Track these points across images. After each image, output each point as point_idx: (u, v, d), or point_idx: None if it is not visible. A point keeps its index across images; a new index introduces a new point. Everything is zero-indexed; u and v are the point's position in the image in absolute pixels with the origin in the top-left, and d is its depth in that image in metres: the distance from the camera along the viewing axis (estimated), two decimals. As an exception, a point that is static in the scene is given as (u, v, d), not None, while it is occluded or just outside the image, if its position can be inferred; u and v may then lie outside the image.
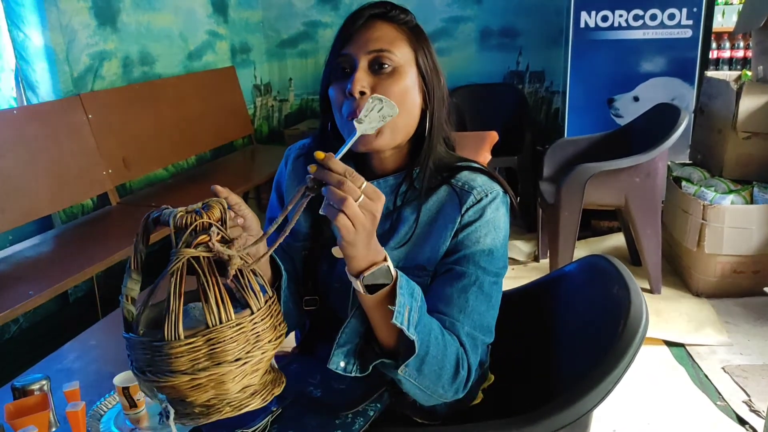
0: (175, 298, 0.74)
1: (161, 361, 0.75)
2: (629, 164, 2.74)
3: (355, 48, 0.98)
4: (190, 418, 0.79)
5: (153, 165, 3.49)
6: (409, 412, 1.11)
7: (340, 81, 1.00)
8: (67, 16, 3.04)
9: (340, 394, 1.05)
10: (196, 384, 0.75)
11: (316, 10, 4.68)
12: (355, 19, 1.01)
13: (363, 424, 1.00)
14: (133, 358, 0.79)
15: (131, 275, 0.81)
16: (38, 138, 2.75)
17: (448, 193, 1.05)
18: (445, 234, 1.04)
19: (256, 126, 4.71)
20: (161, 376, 0.75)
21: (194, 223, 0.80)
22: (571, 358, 1.18)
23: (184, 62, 3.95)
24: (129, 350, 0.79)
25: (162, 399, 0.79)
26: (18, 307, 2.08)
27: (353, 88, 0.96)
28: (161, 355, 0.74)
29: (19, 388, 1.37)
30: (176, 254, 0.76)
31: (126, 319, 0.81)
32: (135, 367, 0.78)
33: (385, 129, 0.98)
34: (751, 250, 2.81)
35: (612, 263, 1.20)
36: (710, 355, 2.47)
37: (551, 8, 4.22)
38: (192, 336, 0.74)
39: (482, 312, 1.03)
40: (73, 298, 3.05)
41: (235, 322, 0.75)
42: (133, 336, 0.79)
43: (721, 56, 4.19)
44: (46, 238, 2.76)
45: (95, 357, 1.77)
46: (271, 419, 1.01)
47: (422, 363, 0.93)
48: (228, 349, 0.75)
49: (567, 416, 1.01)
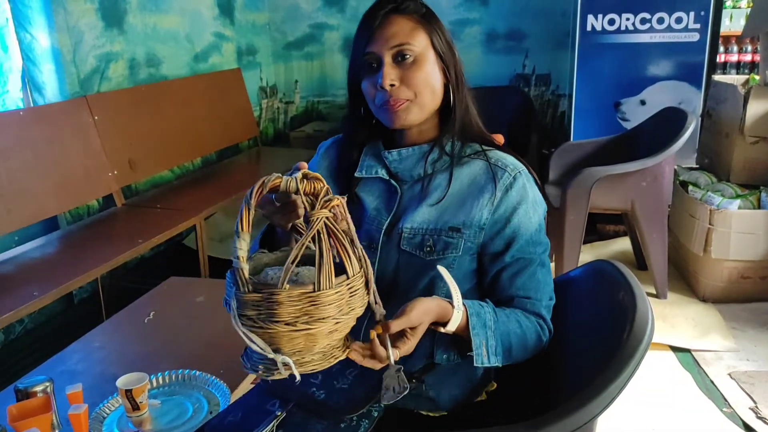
0: (326, 253, 0.85)
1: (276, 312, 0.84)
2: (636, 168, 2.72)
3: (378, 46, 1.09)
4: (310, 365, 0.90)
5: (158, 166, 3.50)
6: (413, 406, 1.14)
7: (370, 75, 1.11)
8: (74, 18, 3.05)
9: (342, 394, 1.06)
10: (332, 329, 0.87)
11: (323, 12, 4.68)
12: (372, 18, 1.11)
13: (368, 426, 1.02)
14: (244, 313, 0.85)
15: (242, 236, 0.85)
16: (44, 139, 2.76)
17: (481, 166, 1.15)
18: (481, 202, 1.12)
19: (262, 128, 4.71)
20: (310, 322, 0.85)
21: (323, 188, 0.89)
22: (576, 364, 1.17)
23: (190, 64, 3.95)
24: (239, 307, 0.85)
25: (276, 353, 0.87)
26: (22, 308, 2.08)
27: (384, 83, 1.08)
28: (314, 303, 0.85)
29: (22, 390, 1.37)
30: (315, 215, 0.86)
31: (240, 277, 0.85)
32: (251, 318, 0.85)
33: (413, 107, 1.10)
34: (758, 255, 2.79)
35: (618, 268, 1.19)
36: (716, 361, 2.45)
37: (558, 11, 4.21)
38: (338, 285, 0.86)
39: (549, 282, 1.17)
40: (78, 299, 3.05)
41: (360, 274, 0.90)
42: (260, 285, 0.86)
43: (728, 60, 4.17)
44: (51, 239, 2.77)
45: (99, 359, 1.77)
46: (276, 424, 1.01)
47: (509, 355, 1.09)
48: (355, 301, 0.89)
49: (571, 423, 1.00)
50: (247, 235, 0.85)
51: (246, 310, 0.85)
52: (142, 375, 1.43)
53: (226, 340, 1.83)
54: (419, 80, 1.09)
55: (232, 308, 0.86)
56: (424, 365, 1.13)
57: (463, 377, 1.16)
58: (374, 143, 1.20)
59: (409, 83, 1.08)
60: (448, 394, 1.15)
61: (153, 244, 2.72)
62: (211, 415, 1.41)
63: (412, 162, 1.15)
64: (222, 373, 1.57)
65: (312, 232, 0.84)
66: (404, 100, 1.08)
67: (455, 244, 1.11)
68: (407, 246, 1.12)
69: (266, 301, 0.84)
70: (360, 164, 1.19)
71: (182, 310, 2.05)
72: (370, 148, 1.20)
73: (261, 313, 0.84)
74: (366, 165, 1.19)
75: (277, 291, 0.84)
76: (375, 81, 1.10)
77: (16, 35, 2.88)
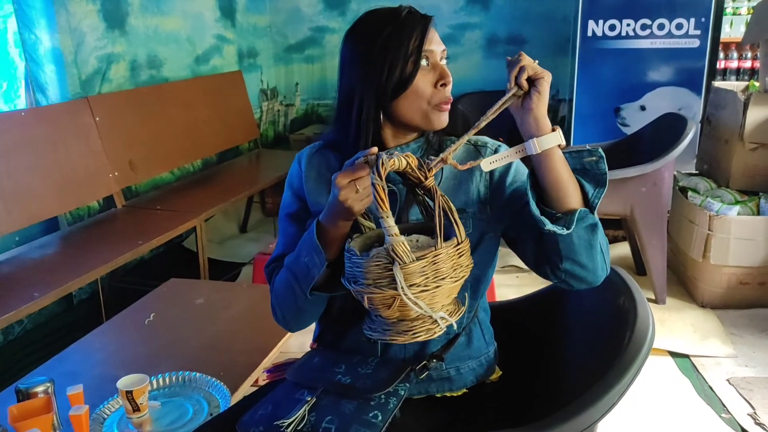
0: (452, 211, 0.97)
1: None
2: (635, 173, 2.73)
3: (436, 45, 1.12)
4: (455, 315, 0.98)
5: (159, 168, 3.50)
6: (435, 390, 1.18)
7: (426, 72, 1.11)
8: (76, 19, 3.06)
9: (368, 378, 1.10)
10: (465, 276, 0.97)
11: (324, 15, 4.70)
12: (424, 19, 1.13)
13: (396, 404, 1.06)
14: (413, 283, 0.92)
15: (388, 215, 0.91)
16: (45, 140, 2.76)
17: (466, 150, 1.20)
18: (475, 179, 1.16)
19: (262, 130, 4.72)
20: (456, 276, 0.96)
21: (416, 161, 0.97)
22: (577, 368, 1.17)
23: (192, 66, 3.96)
24: (406, 279, 0.92)
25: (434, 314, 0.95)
26: (22, 309, 2.08)
27: (448, 80, 1.12)
28: (461, 254, 0.96)
29: (23, 390, 1.37)
30: (430, 184, 0.98)
31: (403, 251, 0.92)
32: (418, 286, 0.92)
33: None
34: (757, 261, 2.80)
35: (618, 274, 1.19)
36: (715, 367, 2.45)
37: (558, 16, 4.22)
38: (457, 244, 0.96)
39: None
40: (78, 300, 3.05)
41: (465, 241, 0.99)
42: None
43: (728, 66, 4.18)
44: (52, 239, 2.77)
45: (99, 360, 1.78)
46: (307, 408, 1.04)
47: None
48: (464, 262, 0.98)
49: (571, 427, 1.00)
50: (390, 213, 0.92)
51: (413, 279, 0.92)
52: (143, 376, 1.44)
53: (226, 342, 1.83)
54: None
55: (399, 282, 0.91)
56: (443, 344, 1.17)
57: (476, 350, 1.20)
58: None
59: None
60: (467, 367, 1.19)
61: (153, 245, 2.72)
62: (212, 416, 1.41)
63: None
64: (222, 375, 1.57)
65: (438, 198, 0.95)
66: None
67: (464, 222, 1.10)
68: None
69: (432, 263, 0.92)
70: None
71: (182, 311, 2.05)
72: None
73: (428, 276, 0.92)
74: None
75: (438, 251, 0.92)
76: (434, 79, 1.11)
77: (20, 36, 2.89)
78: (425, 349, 1.16)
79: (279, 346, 1.76)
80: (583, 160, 1.03)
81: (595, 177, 1.02)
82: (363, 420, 1.01)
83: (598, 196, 1.02)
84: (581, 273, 1.06)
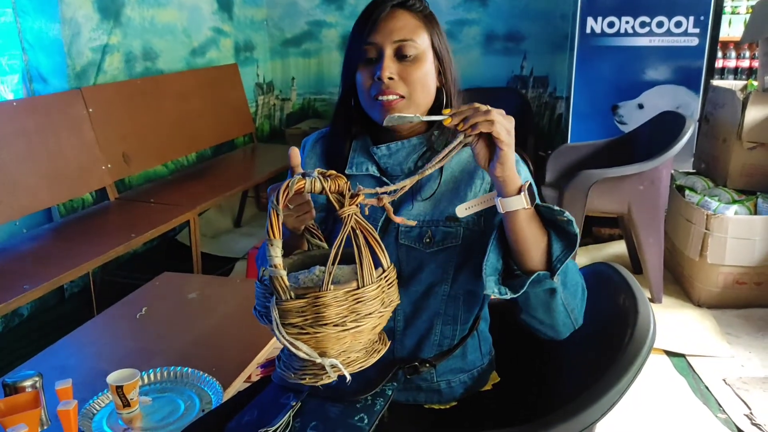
0: (364, 248, 0.85)
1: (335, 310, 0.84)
2: (633, 172, 2.71)
3: (381, 37, 1.07)
4: (357, 363, 0.90)
5: (153, 161, 3.47)
6: (423, 400, 1.16)
7: (367, 66, 1.09)
8: (72, 9, 3.02)
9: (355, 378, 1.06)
10: (376, 324, 0.87)
11: (321, 9, 4.66)
12: (379, 8, 1.09)
13: (383, 404, 1.03)
14: (288, 322, 0.83)
15: (274, 243, 0.83)
16: (38, 131, 2.73)
17: (469, 153, 1.12)
18: (475, 186, 1.12)
19: (258, 124, 4.69)
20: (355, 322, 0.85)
21: (346, 184, 0.89)
22: (576, 368, 1.15)
23: (187, 58, 3.93)
24: (282, 316, 0.83)
25: (323, 360, 0.86)
26: (12, 301, 2.05)
27: (383, 75, 1.06)
28: (360, 300, 0.85)
29: (10, 384, 1.35)
30: (346, 212, 0.86)
31: (280, 285, 0.83)
32: (295, 326, 0.83)
33: (406, 105, 1.08)
34: (754, 261, 2.79)
35: (618, 271, 1.18)
36: (711, 367, 2.44)
37: (557, 13, 4.20)
38: (378, 279, 0.86)
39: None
40: (69, 293, 3.02)
41: (392, 266, 0.92)
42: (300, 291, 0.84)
43: (726, 65, 4.17)
44: (44, 231, 2.74)
45: (89, 354, 1.75)
46: (291, 414, 1.02)
47: (566, 275, 1.01)
48: (393, 293, 0.90)
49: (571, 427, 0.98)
50: (279, 241, 0.83)
51: (290, 318, 0.83)
52: (134, 371, 1.41)
53: (218, 337, 1.81)
54: (417, 78, 1.08)
55: (274, 319, 0.83)
56: (435, 354, 1.14)
57: (470, 363, 1.17)
58: (363, 138, 1.18)
59: (407, 80, 1.07)
60: (458, 380, 1.16)
61: (146, 239, 2.70)
62: (203, 413, 1.39)
63: (402, 156, 1.14)
64: (215, 370, 1.55)
65: (347, 228, 0.84)
66: (398, 97, 1.07)
67: (454, 233, 1.10)
68: (405, 240, 1.11)
69: (312, 305, 0.82)
70: (349, 161, 1.17)
71: (175, 306, 2.03)
72: (359, 143, 1.18)
73: (307, 318, 0.83)
74: (356, 162, 1.17)
75: (322, 293, 0.82)
76: (372, 72, 1.08)
77: (17, 25, 2.85)
78: (418, 353, 1.14)
79: (272, 341, 1.74)
80: (555, 217, 0.99)
81: (567, 236, 0.99)
82: (348, 424, 0.99)
83: (563, 259, 0.98)
84: (539, 327, 1.08)
